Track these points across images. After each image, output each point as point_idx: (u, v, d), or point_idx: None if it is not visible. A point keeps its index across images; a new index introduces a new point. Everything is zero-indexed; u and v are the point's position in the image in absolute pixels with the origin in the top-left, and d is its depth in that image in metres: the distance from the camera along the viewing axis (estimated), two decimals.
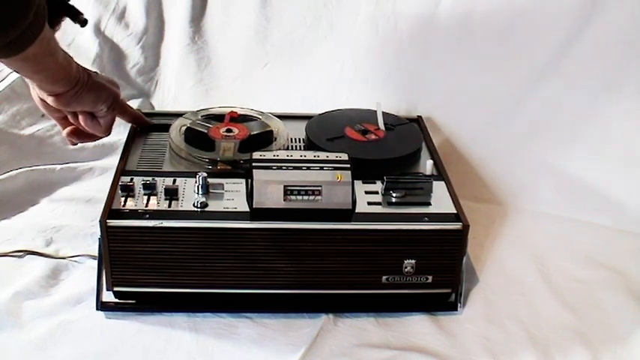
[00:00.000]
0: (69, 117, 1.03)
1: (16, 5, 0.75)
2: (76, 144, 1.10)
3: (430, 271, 1.02)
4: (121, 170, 1.06)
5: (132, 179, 1.01)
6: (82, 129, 1.04)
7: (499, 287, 1.12)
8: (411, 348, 0.99)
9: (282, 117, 1.22)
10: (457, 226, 1.00)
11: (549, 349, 1.00)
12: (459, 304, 1.06)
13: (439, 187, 1.06)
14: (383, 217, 1.00)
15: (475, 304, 1.08)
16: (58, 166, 1.34)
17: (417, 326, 1.03)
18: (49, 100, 0.97)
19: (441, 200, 1.04)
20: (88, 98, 0.98)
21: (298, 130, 1.20)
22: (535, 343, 1.01)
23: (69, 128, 1.05)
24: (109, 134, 1.07)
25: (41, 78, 0.91)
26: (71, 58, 0.94)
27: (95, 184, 1.32)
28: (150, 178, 1.01)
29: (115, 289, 1.00)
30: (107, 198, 0.99)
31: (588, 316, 1.06)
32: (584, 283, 1.14)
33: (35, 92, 0.98)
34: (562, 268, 1.17)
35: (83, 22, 1.03)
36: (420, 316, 1.05)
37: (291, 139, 1.18)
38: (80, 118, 1.02)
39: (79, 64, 0.96)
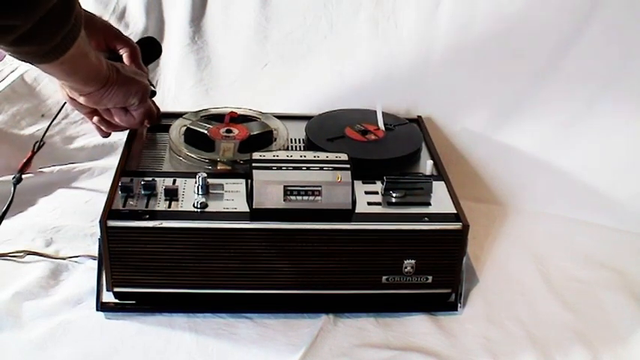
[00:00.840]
0: (102, 113, 1.04)
1: (60, 12, 0.75)
2: (108, 135, 1.10)
3: (430, 271, 1.02)
4: (121, 170, 1.06)
5: (132, 179, 1.01)
6: (115, 124, 1.05)
7: (499, 287, 1.12)
8: (411, 348, 0.99)
9: (282, 117, 1.22)
10: (457, 226, 1.00)
11: (549, 349, 1.00)
12: (459, 304, 1.06)
13: (439, 187, 1.06)
14: (383, 217, 1.00)
15: (475, 304, 1.08)
16: (58, 167, 1.34)
17: (417, 326, 1.03)
18: (81, 99, 0.97)
19: (440, 200, 1.04)
20: (119, 94, 0.98)
21: (298, 130, 1.20)
22: (535, 343, 1.01)
23: (96, 118, 1.05)
24: (142, 126, 1.09)
25: (75, 79, 0.92)
26: (101, 55, 0.94)
27: (95, 184, 1.32)
28: (150, 179, 1.01)
29: (115, 289, 1.00)
30: (107, 198, 0.99)
31: (588, 316, 1.07)
32: (584, 283, 1.14)
33: (65, 92, 0.98)
34: (562, 268, 1.17)
35: (152, 94, 1.08)
36: (420, 316, 1.05)
37: (291, 139, 1.18)
38: (113, 113, 1.03)
39: (107, 61, 0.96)
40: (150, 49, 1.14)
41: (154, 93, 1.11)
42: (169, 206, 0.99)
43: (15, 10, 0.69)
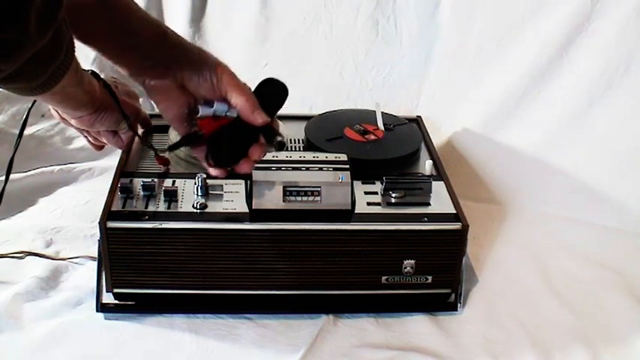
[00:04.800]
0: (92, 133, 1.04)
1: (49, 51, 0.72)
2: (102, 148, 1.11)
3: (430, 271, 1.02)
4: (121, 171, 1.06)
5: (131, 180, 1.01)
6: (104, 143, 1.06)
7: (499, 287, 1.12)
8: (411, 348, 0.99)
9: (282, 117, 1.21)
10: (457, 226, 1.00)
11: (549, 349, 1.00)
12: (458, 304, 1.06)
13: (438, 187, 1.06)
14: (382, 217, 1.00)
15: (475, 304, 1.08)
16: (58, 167, 1.34)
17: (417, 326, 1.03)
18: (73, 121, 0.97)
19: (440, 200, 1.04)
20: (111, 119, 0.98)
21: (297, 130, 1.20)
22: (535, 343, 1.01)
23: (90, 138, 1.06)
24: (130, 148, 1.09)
25: (67, 106, 0.91)
26: (94, 80, 0.93)
27: (94, 184, 1.32)
28: (149, 180, 1.01)
29: (115, 290, 1.00)
30: (106, 199, 0.99)
31: (588, 316, 1.06)
32: (584, 283, 1.14)
33: (57, 113, 0.98)
34: (562, 268, 1.17)
35: (279, 146, 0.91)
36: (420, 316, 1.05)
37: (291, 139, 1.18)
38: (102, 134, 1.03)
39: (100, 83, 0.95)
40: (273, 95, 0.94)
41: (282, 144, 0.91)
42: (169, 207, 0.99)
43: None
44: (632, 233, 1.27)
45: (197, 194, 1.00)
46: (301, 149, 1.17)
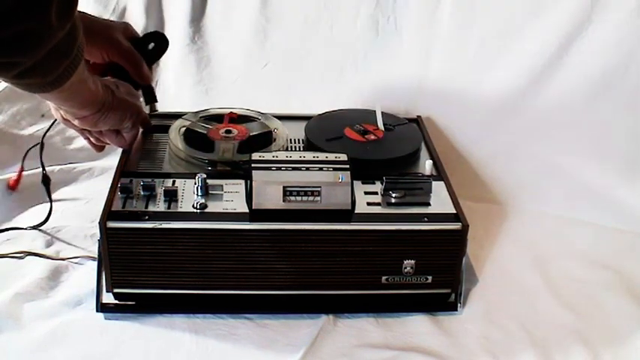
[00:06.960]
0: (93, 132, 1.04)
1: (64, 46, 0.74)
2: (102, 149, 1.11)
3: (430, 271, 1.02)
4: (121, 171, 1.06)
5: (131, 180, 1.01)
6: (106, 143, 1.06)
7: (499, 287, 1.12)
8: (411, 348, 0.99)
9: (282, 117, 1.22)
10: (457, 226, 1.00)
11: (549, 349, 1.00)
12: (458, 304, 1.06)
13: (439, 187, 1.06)
14: (382, 217, 1.00)
15: (475, 304, 1.08)
16: (58, 167, 1.34)
17: (417, 326, 1.03)
18: (76, 122, 0.97)
19: (440, 200, 1.04)
20: (114, 118, 0.98)
21: (297, 130, 1.20)
22: (535, 343, 1.01)
23: (87, 134, 1.06)
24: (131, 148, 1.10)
25: (72, 105, 0.92)
26: (98, 79, 0.94)
27: (95, 184, 1.32)
28: (149, 180, 1.01)
29: (115, 290, 1.00)
30: (106, 199, 0.99)
31: (588, 316, 1.06)
32: (584, 283, 1.14)
33: (60, 114, 0.98)
34: (562, 268, 1.17)
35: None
36: (420, 316, 1.05)
37: (291, 139, 1.18)
38: (105, 134, 1.03)
39: (103, 84, 0.95)
40: (156, 46, 1.11)
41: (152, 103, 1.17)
42: (169, 207, 0.99)
43: (20, 49, 0.69)
44: (632, 233, 1.27)
45: (197, 194, 1.00)
46: (301, 149, 1.17)
